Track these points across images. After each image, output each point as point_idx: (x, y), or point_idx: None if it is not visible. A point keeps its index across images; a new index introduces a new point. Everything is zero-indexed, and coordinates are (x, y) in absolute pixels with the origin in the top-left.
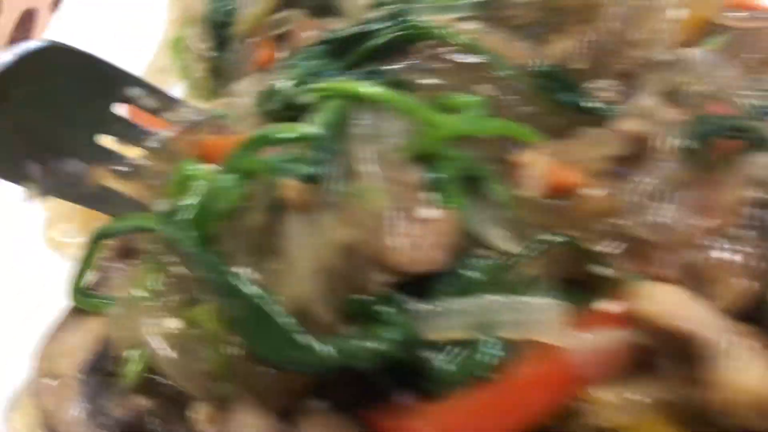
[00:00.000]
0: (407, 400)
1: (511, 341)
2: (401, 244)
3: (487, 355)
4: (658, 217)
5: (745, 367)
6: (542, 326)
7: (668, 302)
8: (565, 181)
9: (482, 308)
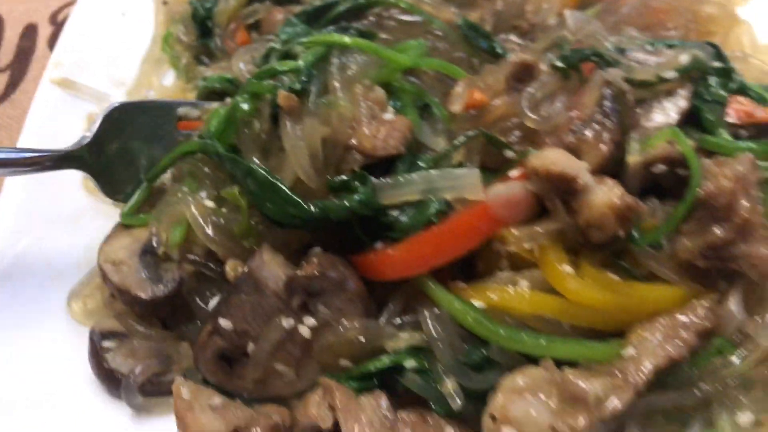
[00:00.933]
0: (380, 246)
1: (447, 200)
2: (367, 136)
3: (431, 209)
4: (543, 113)
5: (600, 192)
6: (467, 187)
7: (549, 157)
8: (478, 100)
9: (425, 179)
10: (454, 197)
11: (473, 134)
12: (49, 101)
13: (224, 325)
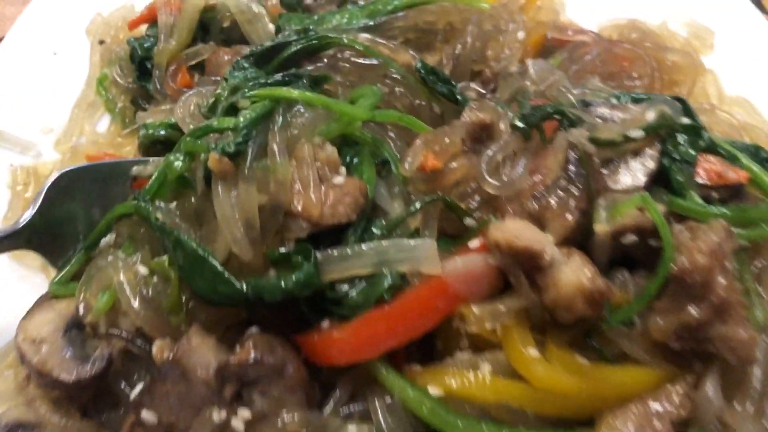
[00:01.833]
0: (328, 324)
1: (401, 273)
2: (313, 202)
3: (383, 284)
4: (503, 177)
5: (569, 270)
6: (422, 260)
7: (512, 229)
8: (431, 165)
9: (376, 250)
10: (408, 270)
11: (430, 199)
12: None
13: (148, 417)
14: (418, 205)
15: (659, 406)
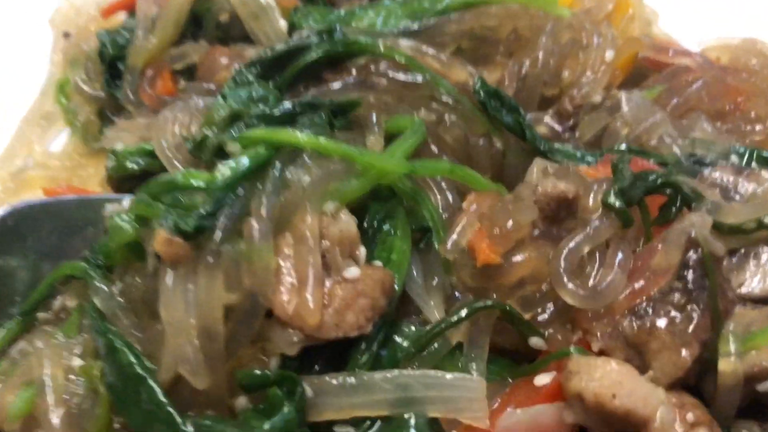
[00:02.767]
0: None
1: (430, 419)
2: (310, 308)
3: None
4: (589, 282)
5: None
6: (464, 403)
7: (605, 380)
8: (489, 257)
9: (398, 383)
10: (443, 416)
11: (483, 305)
12: None
13: None
14: (464, 312)
15: None
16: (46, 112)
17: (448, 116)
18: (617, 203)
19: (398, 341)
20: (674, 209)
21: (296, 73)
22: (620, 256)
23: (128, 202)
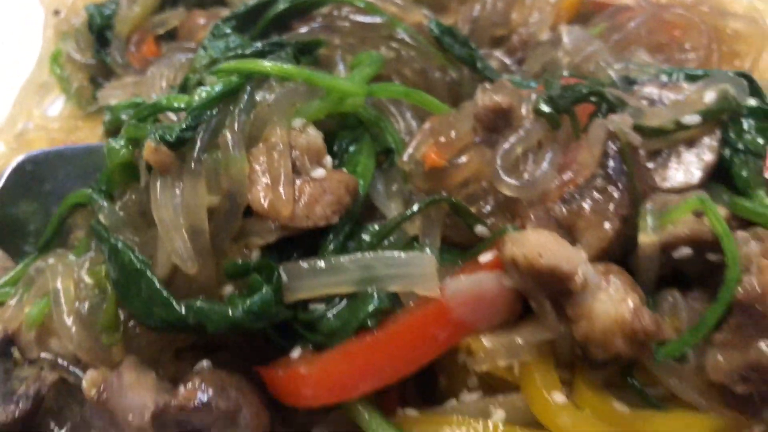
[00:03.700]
0: (299, 353)
1: (390, 293)
2: (283, 200)
3: (367, 307)
4: (523, 176)
5: (606, 298)
6: (417, 277)
7: (534, 243)
8: (434, 161)
9: (361, 264)
10: (400, 290)
11: (431, 200)
12: None
13: None
14: (416, 207)
15: None
16: (42, 82)
17: (406, 52)
18: (547, 109)
19: (363, 237)
20: (600, 116)
21: (267, 23)
22: (550, 153)
23: None
